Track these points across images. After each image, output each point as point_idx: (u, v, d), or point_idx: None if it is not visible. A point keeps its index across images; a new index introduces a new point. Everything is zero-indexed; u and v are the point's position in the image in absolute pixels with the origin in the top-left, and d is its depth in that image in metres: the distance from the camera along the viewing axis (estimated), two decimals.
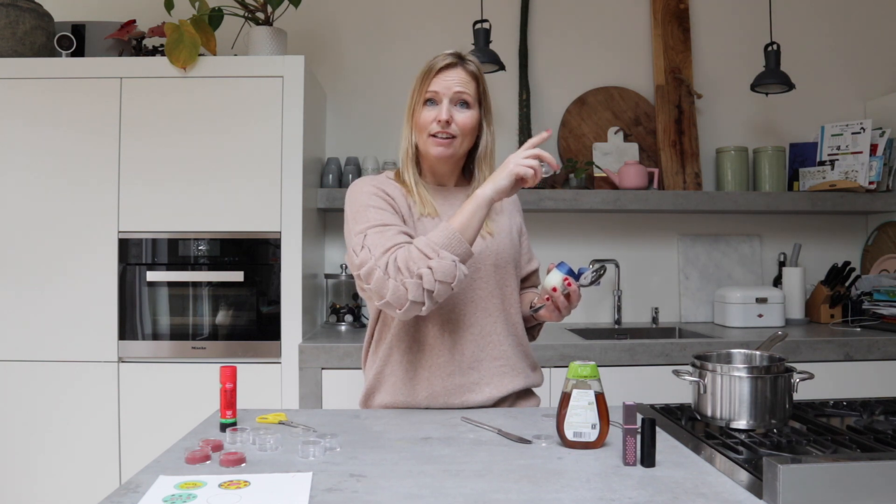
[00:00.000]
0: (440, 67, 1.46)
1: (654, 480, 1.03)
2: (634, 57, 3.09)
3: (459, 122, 1.47)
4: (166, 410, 2.35)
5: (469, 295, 1.49)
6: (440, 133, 1.46)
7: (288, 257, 2.40)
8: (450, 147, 1.48)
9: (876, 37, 3.15)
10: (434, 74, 1.46)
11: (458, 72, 1.47)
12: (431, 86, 1.46)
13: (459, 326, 1.48)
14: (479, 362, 1.49)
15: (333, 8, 3.01)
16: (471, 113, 1.48)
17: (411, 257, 1.32)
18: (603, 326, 2.96)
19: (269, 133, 2.41)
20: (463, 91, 1.47)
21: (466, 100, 1.47)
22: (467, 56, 1.50)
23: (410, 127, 1.51)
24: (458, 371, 1.47)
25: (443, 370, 1.47)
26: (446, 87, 1.46)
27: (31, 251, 2.39)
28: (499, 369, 1.50)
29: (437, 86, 1.46)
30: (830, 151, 2.95)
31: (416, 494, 0.98)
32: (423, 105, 1.48)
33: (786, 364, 1.27)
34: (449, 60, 1.47)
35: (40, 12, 2.49)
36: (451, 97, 1.46)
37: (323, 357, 2.33)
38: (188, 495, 0.97)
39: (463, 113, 1.47)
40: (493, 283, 1.51)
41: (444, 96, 1.46)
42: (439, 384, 1.47)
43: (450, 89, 1.46)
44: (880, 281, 2.81)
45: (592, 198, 2.79)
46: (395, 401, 1.50)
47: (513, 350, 1.53)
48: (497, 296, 1.51)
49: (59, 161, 2.39)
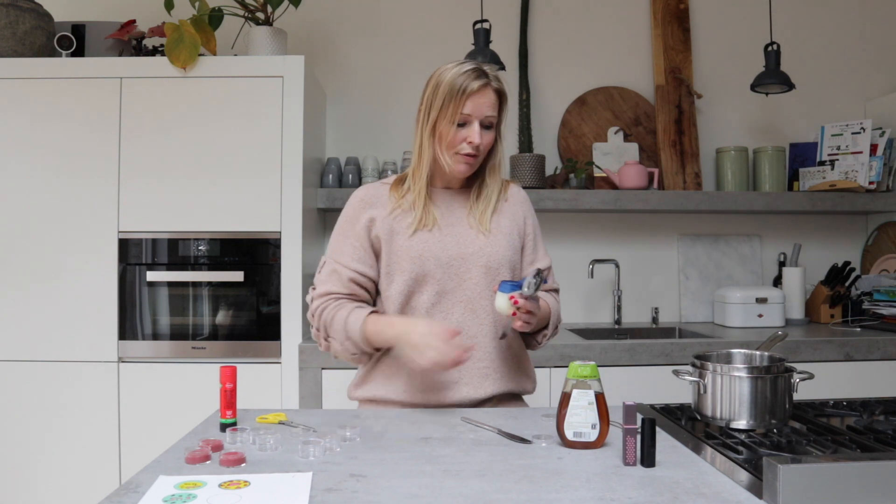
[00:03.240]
0: (472, 89, 1.47)
1: (654, 480, 1.03)
2: (634, 57, 3.09)
3: (485, 143, 1.51)
4: (166, 410, 2.35)
5: (458, 295, 1.51)
6: (470, 153, 1.50)
7: (288, 257, 2.40)
8: (474, 165, 1.54)
9: (876, 37, 3.15)
10: (468, 96, 1.47)
11: (488, 94, 1.49)
12: (465, 108, 1.48)
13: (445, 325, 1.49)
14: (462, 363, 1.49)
15: (333, 8, 3.01)
16: (493, 133, 1.53)
17: (332, 323, 1.48)
18: (603, 326, 2.96)
19: (269, 133, 2.41)
20: (491, 115, 1.51)
21: (492, 122, 1.52)
22: (490, 72, 1.52)
23: (431, 140, 1.52)
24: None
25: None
26: (480, 111, 1.49)
27: (31, 251, 2.39)
28: (480, 371, 1.51)
29: (470, 108, 1.48)
30: (830, 151, 2.95)
31: (416, 494, 0.98)
32: (454, 125, 1.49)
33: (786, 364, 1.27)
34: (482, 82, 1.48)
35: (40, 12, 2.49)
36: (483, 120, 1.49)
37: (323, 357, 2.33)
38: (188, 495, 0.97)
39: (489, 134, 1.52)
40: (484, 284, 1.52)
41: (475, 119, 1.49)
42: (418, 380, 1.50)
43: (482, 113, 1.49)
44: (880, 281, 2.81)
45: (592, 198, 2.79)
46: (376, 395, 1.53)
47: (500, 354, 1.54)
48: (487, 297, 1.52)
49: (59, 161, 2.39)
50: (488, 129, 1.51)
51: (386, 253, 1.52)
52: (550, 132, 3.06)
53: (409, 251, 1.50)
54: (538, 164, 2.84)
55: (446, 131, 1.49)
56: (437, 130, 1.50)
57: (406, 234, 1.51)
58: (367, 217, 1.54)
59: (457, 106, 1.47)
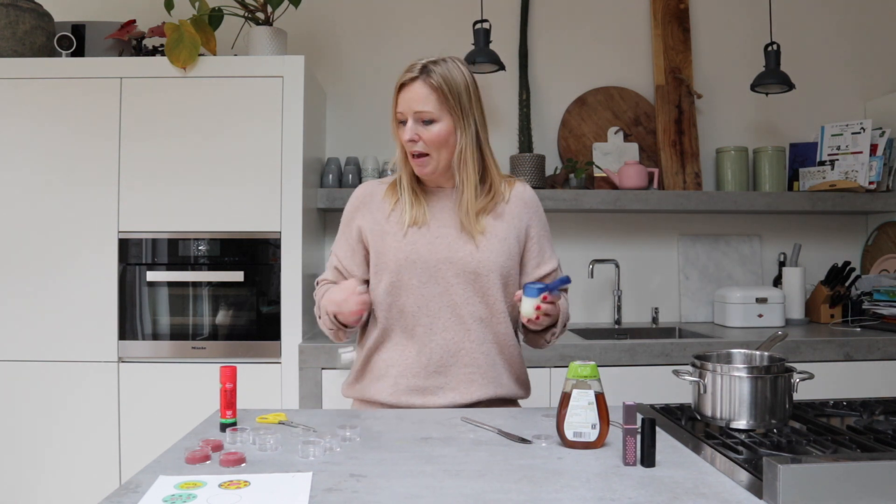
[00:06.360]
0: (401, 85, 1.48)
1: (654, 480, 1.03)
2: (634, 57, 3.09)
3: (427, 139, 1.47)
4: (166, 410, 2.35)
5: (445, 300, 1.50)
6: (414, 152, 1.49)
7: (288, 257, 2.40)
8: (427, 165, 1.50)
9: (876, 37, 3.15)
10: (397, 93, 1.48)
11: (417, 88, 1.46)
12: (398, 105, 1.49)
13: (432, 330, 1.50)
14: (448, 367, 1.50)
15: (333, 8, 3.01)
16: (438, 126, 1.47)
17: (319, 304, 1.56)
18: (603, 326, 2.96)
19: (269, 133, 2.41)
20: (422, 110, 1.46)
21: (429, 117, 1.47)
22: (433, 68, 1.47)
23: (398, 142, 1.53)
24: (423, 373, 1.50)
25: (409, 370, 1.51)
26: (408, 107, 1.47)
27: (32, 251, 2.39)
28: (467, 376, 1.51)
29: (401, 105, 1.48)
30: (830, 151, 2.95)
31: (416, 494, 0.98)
32: (398, 124, 1.50)
33: (786, 364, 1.27)
34: (408, 77, 1.47)
35: (40, 12, 2.49)
36: (414, 116, 1.47)
37: (323, 357, 2.33)
38: (188, 495, 0.97)
39: (429, 130, 1.47)
40: (472, 290, 1.50)
41: (407, 115, 1.48)
42: (404, 383, 1.50)
43: (411, 109, 1.47)
44: (880, 281, 2.81)
45: (592, 198, 2.79)
46: (364, 395, 1.55)
47: (489, 359, 1.52)
48: (476, 303, 1.50)
49: (59, 161, 2.39)
50: (427, 125, 1.46)
51: (374, 253, 1.53)
52: (550, 132, 3.06)
53: (396, 253, 1.50)
54: (538, 164, 2.84)
55: (394, 131, 1.51)
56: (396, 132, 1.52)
57: (396, 236, 1.51)
58: (359, 217, 1.57)
59: (394, 104, 1.49)
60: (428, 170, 1.50)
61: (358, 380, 1.58)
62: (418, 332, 1.50)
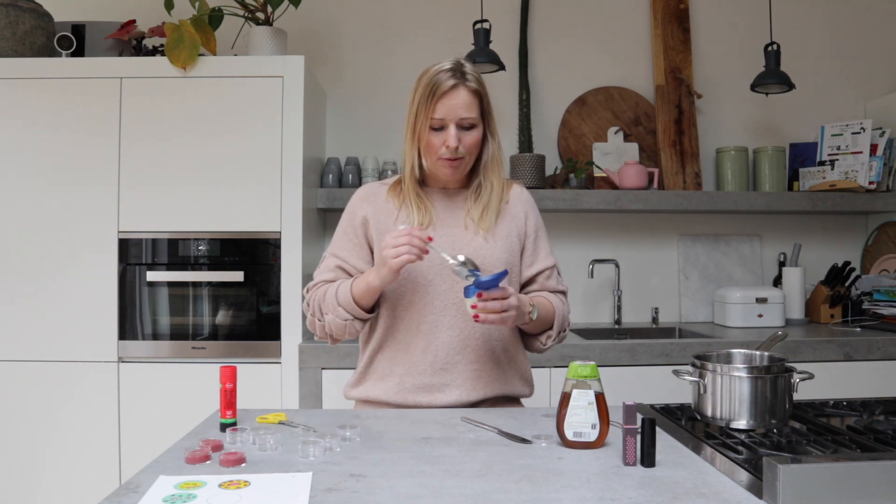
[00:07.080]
0: (440, 91, 1.44)
1: (654, 480, 1.03)
2: (634, 57, 3.09)
3: (466, 145, 1.48)
4: (166, 410, 2.35)
5: (451, 298, 1.50)
6: (452, 157, 1.48)
7: (288, 257, 2.40)
8: (459, 168, 1.51)
9: (876, 37, 3.15)
10: (438, 98, 1.45)
11: (461, 94, 1.45)
12: (436, 112, 1.45)
13: (437, 328, 1.50)
14: (454, 365, 1.50)
15: (333, 8, 3.01)
16: (476, 132, 1.49)
17: (325, 299, 1.49)
18: (603, 326, 2.96)
19: (269, 133, 2.41)
20: (467, 117, 1.46)
21: (470, 123, 1.47)
22: (467, 70, 1.48)
23: (414, 145, 1.51)
24: (429, 371, 1.50)
25: (415, 369, 1.50)
26: (453, 114, 1.45)
27: (32, 251, 2.39)
28: (473, 374, 1.51)
29: (442, 112, 1.45)
30: (830, 151, 2.95)
31: (416, 494, 0.98)
32: (430, 130, 1.47)
33: (786, 364, 1.27)
34: (451, 83, 1.44)
35: (40, 12, 2.49)
36: (458, 122, 1.46)
37: (323, 357, 2.33)
38: (188, 495, 0.97)
39: (469, 135, 1.48)
40: None
41: (450, 122, 1.46)
42: (410, 382, 1.50)
43: (456, 115, 1.45)
44: (880, 281, 2.81)
45: (592, 198, 2.79)
46: (369, 395, 1.54)
47: (493, 357, 1.53)
48: None
49: (59, 161, 2.39)
50: (468, 130, 1.48)
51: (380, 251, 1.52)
52: (550, 132, 3.06)
53: None
54: (538, 164, 2.84)
55: (423, 136, 1.48)
56: (417, 134, 1.49)
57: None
58: (363, 214, 1.56)
59: (429, 110, 1.45)
60: (459, 172, 1.52)
61: (361, 381, 1.57)
62: (424, 329, 1.50)
